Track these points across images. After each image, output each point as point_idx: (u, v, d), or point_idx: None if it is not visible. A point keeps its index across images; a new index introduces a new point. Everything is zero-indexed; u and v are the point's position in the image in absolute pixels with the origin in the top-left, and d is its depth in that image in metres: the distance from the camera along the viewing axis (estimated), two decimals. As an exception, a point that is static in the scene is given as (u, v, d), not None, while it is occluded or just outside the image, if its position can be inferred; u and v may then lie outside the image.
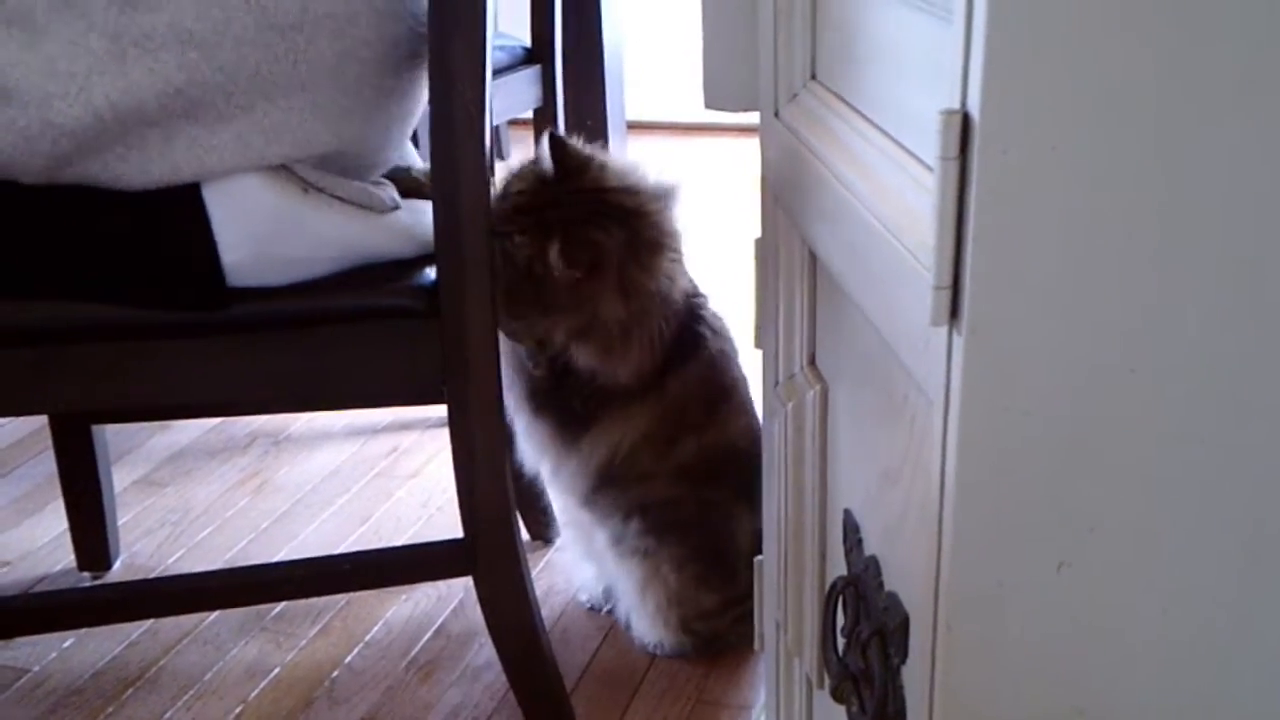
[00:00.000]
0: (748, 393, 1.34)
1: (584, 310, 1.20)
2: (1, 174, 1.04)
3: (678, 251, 1.25)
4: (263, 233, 1.06)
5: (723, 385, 1.31)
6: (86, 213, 1.06)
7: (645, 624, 1.39)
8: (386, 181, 1.17)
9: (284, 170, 1.07)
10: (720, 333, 1.32)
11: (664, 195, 1.25)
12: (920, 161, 0.56)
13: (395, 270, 1.14)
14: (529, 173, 1.23)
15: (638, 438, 1.28)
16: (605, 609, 1.50)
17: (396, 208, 1.14)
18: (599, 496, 1.33)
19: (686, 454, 1.30)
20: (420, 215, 1.15)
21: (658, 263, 1.22)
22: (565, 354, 1.25)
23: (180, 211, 1.05)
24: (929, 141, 0.49)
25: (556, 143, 1.21)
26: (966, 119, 0.47)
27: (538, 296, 1.20)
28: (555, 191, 1.21)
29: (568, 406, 1.29)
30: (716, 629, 1.38)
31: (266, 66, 1.02)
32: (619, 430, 1.28)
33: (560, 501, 1.43)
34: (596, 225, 1.19)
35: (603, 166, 1.23)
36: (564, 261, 1.16)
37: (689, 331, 1.28)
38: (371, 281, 1.12)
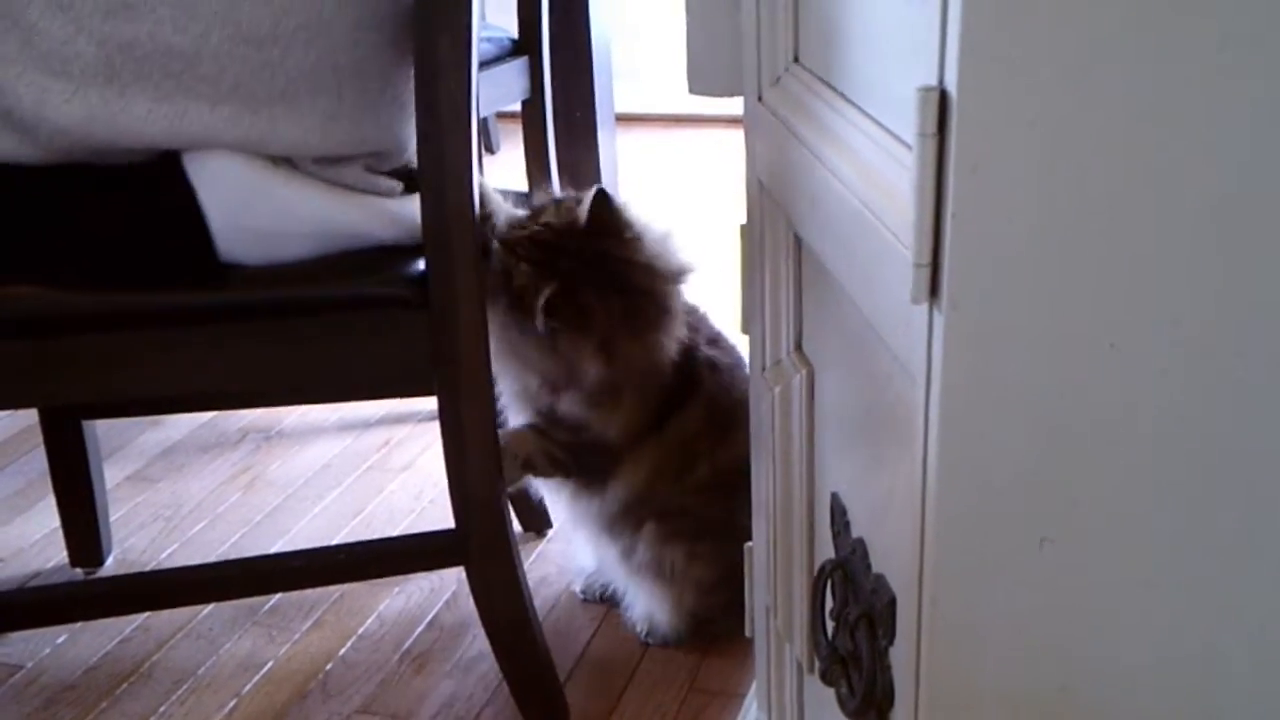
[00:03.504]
0: None
1: (558, 360, 1.23)
2: None
3: (672, 329, 1.26)
4: (233, 201, 1.08)
5: (729, 411, 1.30)
6: (74, 194, 1.09)
7: (652, 616, 1.40)
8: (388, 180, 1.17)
9: None
10: (718, 366, 1.33)
11: (678, 276, 1.27)
12: (900, 141, 0.56)
13: (385, 258, 1.14)
14: (565, 211, 1.25)
15: (649, 473, 1.31)
16: (597, 594, 1.50)
17: (389, 194, 1.15)
18: (618, 523, 1.35)
19: (701, 476, 1.32)
20: (410, 202, 1.15)
21: (651, 338, 1.24)
22: (551, 403, 1.28)
23: (166, 185, 1.08)
24: (909, 120, 0.49)
25: (600, 198, 1.22)
26: (944, 95, 0.47)
27: (520, 326, 1.22)
28: (579, 241, 1.22)
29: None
30: (714, 605, 1.38)
31: (245, 79, 1.04)
32: (629, 472, 1.31)
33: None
34: (598, 289, 1.21)
35: (635, 237, 1.24)
36: (546, 310, 1.18)
37: (685, 376, 1.29)
38: (360, 270, 1.12)
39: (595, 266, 1.22)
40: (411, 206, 1.14)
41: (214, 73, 1.03)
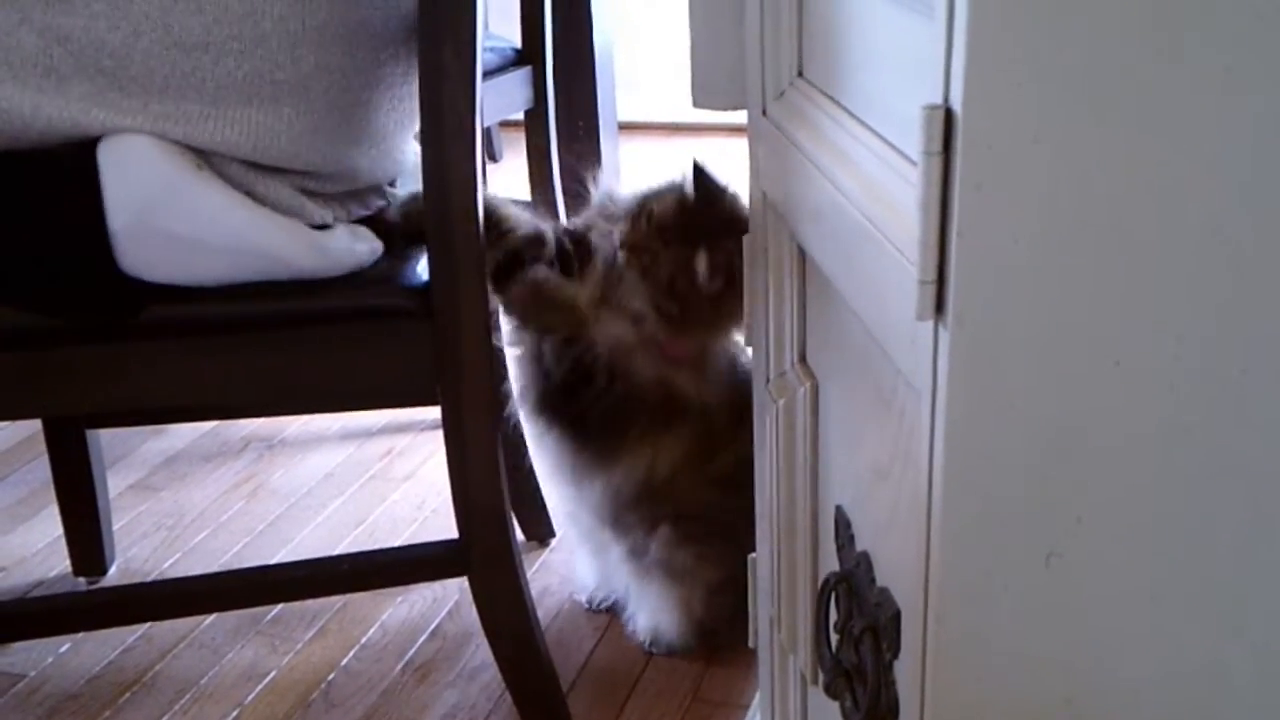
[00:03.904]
0: None
1: (718, 324, 1.26)
2: None
3: None
4: (147, 197, 1.05)
5: (746, 396, 1.32)
6: None
7: (658, 623, 1.40)
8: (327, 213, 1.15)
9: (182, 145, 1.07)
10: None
11: None
12: (905, 157, 0.56)
13: (387, 268, 1.14)
14: (668, 196, 1.28)
15: (678, 458, 1.30)
16: (601, 604, 1.50)
17: (323, 226, 1.12)
18: (629, 515, 1.34)
19: (724, 466, 1.31)
20: (347, 237, 1.13)
21: None
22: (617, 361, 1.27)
23: (71, 173, 1.05)
24: (913, 137, 0.49)
25: (699, 170, 1.26)
26: (949, 114, 0.47)
27: (682, 311, 1.24)
28: (696, 213, 1.26)
29: (591, 425, 1.30)
30: (720, 616, 1.38)
31: (175, 82, 1.04)
32: (652, 451, 1.30)
33: (569, 507, 1.43)
34: (738, 244, 1.23)
35: (736, 197, 1.28)
36: (710, 272, 1.21)
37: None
38: (363, 281, 1.12)
39: (723, 227, 1.24)
40: (342, 238, 1.12)
41: (144, 73, 1.03)
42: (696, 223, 1.25)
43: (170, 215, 1.05)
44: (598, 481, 1.33)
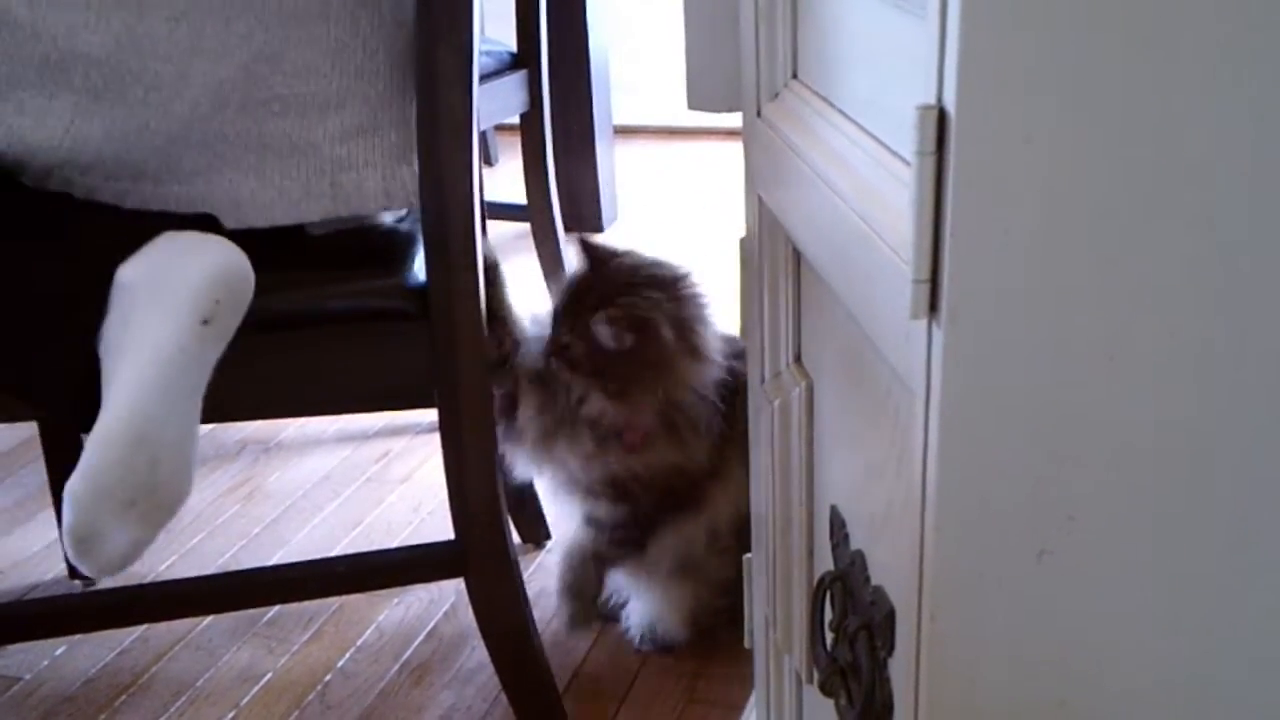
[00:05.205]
0: None
1: (660, 381, 1.23)
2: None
3: (713, 321, 1.28)
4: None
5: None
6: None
7: (655, 617, 1.40)
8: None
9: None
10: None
11: (690, 272, 1.29)
12: (899, 157, 0.57)
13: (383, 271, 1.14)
14: (565, 289, 1.28)
15: (699, 540, 1.33)
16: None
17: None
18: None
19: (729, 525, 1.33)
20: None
21: (705, 325, 1.25)
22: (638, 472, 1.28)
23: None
24: (907, 137, 0.49)
25: (581, 242, 1.26)
26: (942, 114, 0.48)
27: (618, 385, 1.23)
28: (587, 283, 1.25)
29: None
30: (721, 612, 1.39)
31: (234, 10, 1.05)
32: (722, 491, 1.31)
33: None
34: (635, 294, 1.23)
35: (630, 254, 1.28)
36: (612, 331, 1.19)
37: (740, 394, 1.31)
38: (360, 283, 1.12)
39: (616, 284, 1.24)
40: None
41: None
42: (591, 292, 1.24)
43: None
44: (681, 535, 1.35)
